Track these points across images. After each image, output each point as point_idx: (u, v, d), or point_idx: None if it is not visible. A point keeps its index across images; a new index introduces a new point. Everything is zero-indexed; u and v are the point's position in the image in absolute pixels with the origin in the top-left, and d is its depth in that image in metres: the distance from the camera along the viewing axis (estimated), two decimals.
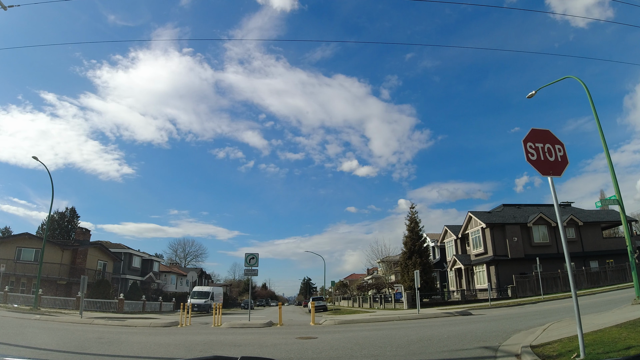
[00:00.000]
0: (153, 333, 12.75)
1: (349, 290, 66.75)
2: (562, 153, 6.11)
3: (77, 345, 9.82)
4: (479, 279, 35.79)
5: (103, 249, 37.99)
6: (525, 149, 5.80)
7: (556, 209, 5.59)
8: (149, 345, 9.46)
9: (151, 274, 46.49)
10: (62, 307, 26.80)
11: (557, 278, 31.91)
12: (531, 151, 5.83)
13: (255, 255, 18.54)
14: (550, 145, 6.05)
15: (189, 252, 77.23)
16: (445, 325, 12.27)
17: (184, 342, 9.90)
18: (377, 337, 10.04)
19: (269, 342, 9.90)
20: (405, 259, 33.03)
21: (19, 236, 34.05)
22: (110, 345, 9.69)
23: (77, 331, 13.05)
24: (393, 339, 9.18)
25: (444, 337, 9.13)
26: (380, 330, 11.87)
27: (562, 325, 9.78)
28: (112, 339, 10.81)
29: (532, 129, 6.04)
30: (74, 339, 11.09)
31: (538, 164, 5.81)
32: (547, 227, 35.62)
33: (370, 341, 9.08)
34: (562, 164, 6.03)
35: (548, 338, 7.96)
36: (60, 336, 11.94)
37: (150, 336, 11.65)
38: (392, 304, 33.40)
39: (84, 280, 18.30)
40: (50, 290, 30.05)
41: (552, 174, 5.85)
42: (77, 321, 16.92)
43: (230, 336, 11.45)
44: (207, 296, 33.85)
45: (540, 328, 9.51)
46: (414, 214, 34.67)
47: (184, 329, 14.57)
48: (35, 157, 25.85)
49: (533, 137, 5.98)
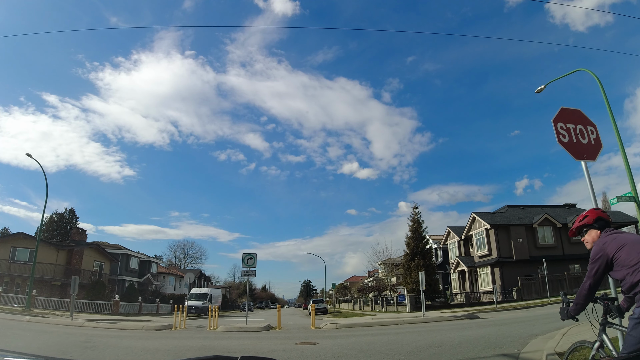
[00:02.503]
0: (144, 337, 12.02)
1: (349, 292, 65.90)
2: (595, 135, 5.41)
3: (58, 350, 9.15)
4: (483, 281, 34.98)
5: (100, 249, 37.27)
6: (555, 129, 5.09)
7: (592, 196, 4.87)
8: (135, 350, 8.74)
9: (149, 275, 45.72)
10: (57, 309, 26.08)
11: (563, 280, 31.12)
12: (562, 132, 5.12)
13: (253, 256, 17.82)
14: (582, 127, 5.36)
15: (188, 254, 76.43)
16: (453, 330, 11.51)
17: (174, 348, 9.19)
18: (382, 342, 9.28)
19: (266, 348, 9.18)
20: (407, 260, 32.24)
21: (13, 236, 33.36)
22: (94, 349, 9.00)
23: (63, 334, 12.35)
24: (400, 345, 8.44)
25: (456, 343, 8.40)
26: (385, 335, 11.10)
27: (584, 329, 9.05)
28: (99, 342, 10.11)
29: (561, 107, 5.35)
30: (57, 343, 10.41)
31: (570, 147, 5.11)
32: (552, 228, 34.81)
33: (376, 347, 8.34)
34: (596, 148, 5.32)
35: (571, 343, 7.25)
36: (44, 339, 11.26)
37: (139, 340, 10.93)
38: (394, 307, 32.61)
39: (74, 281, 17.58)
40: (44, 291, 29.31)
41: (586, 158, 5.15)
42: (67, 323, 16.20)
43: (224, 341, 10.71)
44: (205, 298, 33.05)
45: (559, 333, 8.75)
46: (417, 214, 33.91)
47: (177, 333, 13.83)
48: (28, 155, 25.17)
49: (563, 116, 5.28)
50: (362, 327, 15.24)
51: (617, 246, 2.82)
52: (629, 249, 2.76)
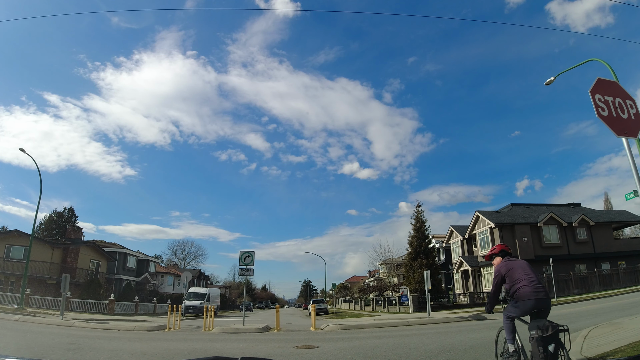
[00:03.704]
0: (133, 338, 11.35)
1: (350, 292, 65.19)
2: (635, 110, 4.75)
3: (38, 351, 8.51)
4: (487, 281, 34.25)
5: (96, 247, 36.61)
6: (593, 101, 4.41)
7: (635, 176, 4.19)
8: (120, 353, 8.07)
9: (147, 274, 45.05)
10: (51, 308, 25.42)
11: (569, 280, 30.40)
12: (601, 105, 4.45)
13: (251, 254, 17.13)
14: (621, 100, 4.69)
15: (188, 253, 75.82)
16: (462, 332, 10.80)
17: (163, 351, 8.51)
18: (388, 346, 8.57)
19: (263, 351, 8.49)
20: (410, 259, 31.50)
21: (8, 233, 32.69)
22: (77, 351, 8.34)
23: (49, 334, 11.69)
24: (408, 349, 7.74)
25: (468, 347, 7.70)
26: (390, 338, 10.39)
27: (605, 330, 8.37)
28: (84, 344, 9.45)
29: (598, 78, 4.67)
30: (40, 343, 9.76)
31: (611, 121, 4.43)
32: (557, 227, 34.08)
33: (382, 352, 7.64)
34: (637, 124, 4.63)
35: (598, 347, 6.58)
36: (27, 339, 10.62)
37: (128, 342, 10.26)
38: (396, 307, 31.91)
39: (65, 279, 16.89)
40: (39, 290, 28.66)
41: (627, 135, 4.50)
42: (57, 323, 15.55)
43: (218, 344, 10.02)
44: (203, 298, 32.32)
45: (580, 335, 8.05)
46: (420, 213, 33.13)
47: (170, 334, 13.15)
48: (22, 149, 24.57)
49: (600, 88, 4.60)
50: (364, 328, 14.54)
51: (507, 269, 4.46)
52: (513, 271, 4.38)
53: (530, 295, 4.09)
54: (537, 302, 4.06)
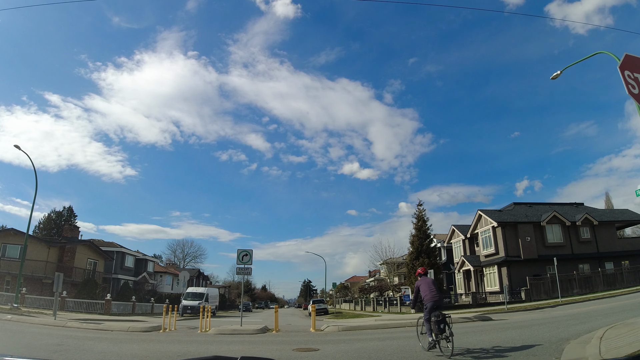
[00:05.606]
0: (126, 340, 10.89)
1: (350, 292, 64.72)
2: None
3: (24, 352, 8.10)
4: (489, 281, 33.76)
5: (93, 247, 36.15)
6: (623, 77, 3.98)
7: None
8: (108, 356, 7.62)
9: (145, 274, 44.58)
10: (47, 307, 24.94)
11: (572, 280, 29.89)
12: (631, 82, 4.01)
13: (249, 252, 16.67)
14: None
15: (187, 253, 75.34)
16: (469, 334, 10.32)
17: (154, 354, 8.05)
18: (393, 349, 8.10)
19: (260, 354, 8.03)
20: (412, 259, 31.03)
21: (4, 232, 32.26)
22: (64, 353, 7.91)
23: (39, 334, 11.25)
24: (415, 353, 7.27)
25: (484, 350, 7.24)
26: (394, 340, 9.92)
27: (621, 331, 7.88)
28: (72, 345, 9.01)
29: (625, 54, 4.23)
30: (27, 344, 9.35)
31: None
32: (561, 226, 33.56)
33: (386, 355, 7.16)
34: None
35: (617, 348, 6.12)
36: (15, 340, 10.20)
37: (119, 344, 9.80)
38: (397, 307, 31.44)
39: (58, 278, 16.43)
40: (35, 289, 28.22)
41: None
42: (49, 323, 15.10)
43: (213, 346, 9.56)
44: (202, 298, 31.84)
45: (594, 337, 7.57)
46: (422, 211, 32.65)
47: (164, 335, 12.69)
48: (16, 146, 24.14)
49: (630, 64, 4.15)
50: (366, 329, 14.07)
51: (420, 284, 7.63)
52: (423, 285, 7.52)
53: (430, 299, 7.24)
54: (434, 302, 7.18)
